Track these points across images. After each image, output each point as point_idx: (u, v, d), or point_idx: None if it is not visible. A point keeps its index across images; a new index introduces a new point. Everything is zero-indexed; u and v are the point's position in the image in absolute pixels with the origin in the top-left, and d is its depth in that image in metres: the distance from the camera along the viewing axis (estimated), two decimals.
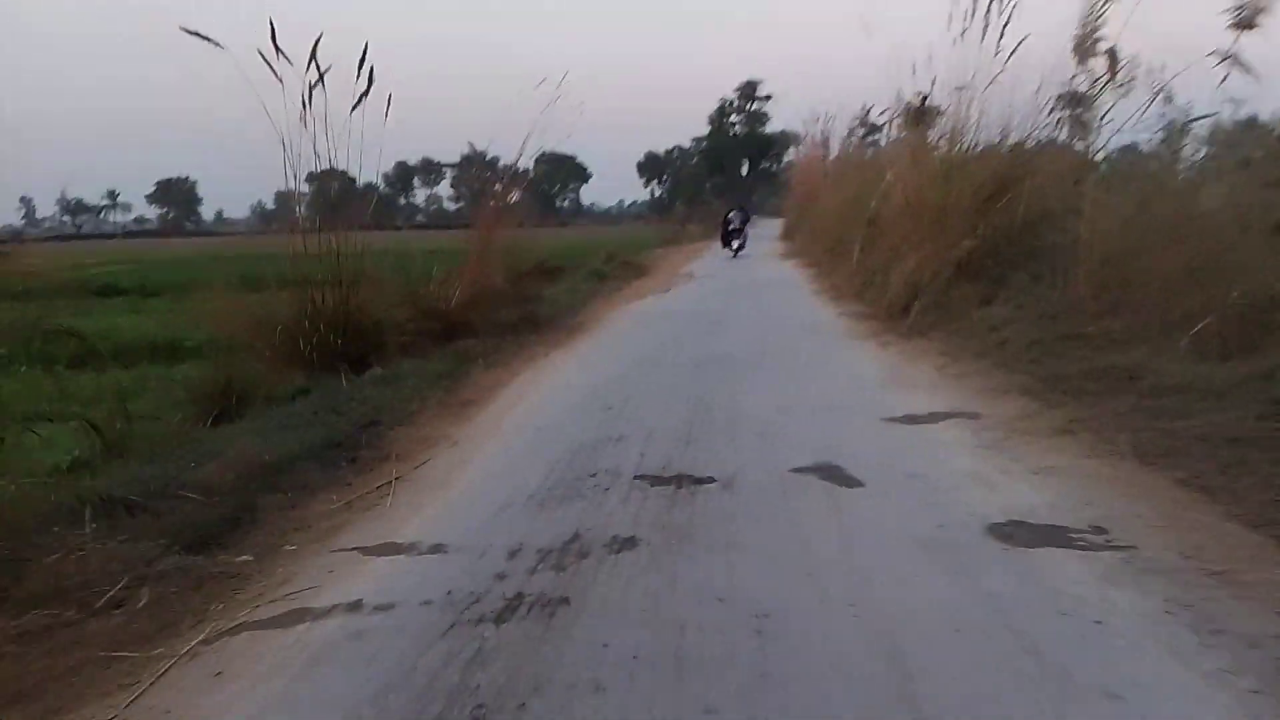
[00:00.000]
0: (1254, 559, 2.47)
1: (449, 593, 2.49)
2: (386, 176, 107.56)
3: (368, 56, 6.56)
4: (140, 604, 2.52)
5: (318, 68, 6.40)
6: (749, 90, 70.92)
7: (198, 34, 6.02)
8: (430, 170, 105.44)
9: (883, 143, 14.68)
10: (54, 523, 2.96)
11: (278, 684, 2.08)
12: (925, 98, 9.93)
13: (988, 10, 7.90)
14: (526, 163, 10.51)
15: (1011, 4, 7.80)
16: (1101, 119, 6.96)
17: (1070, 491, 3.14)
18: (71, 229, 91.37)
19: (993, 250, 7.07)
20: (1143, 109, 6.42)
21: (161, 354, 8.90)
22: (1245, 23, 5.98)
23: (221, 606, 2.54)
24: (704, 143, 71.35)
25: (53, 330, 5.24)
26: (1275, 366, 3.93)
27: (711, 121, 69.87)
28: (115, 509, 3.08)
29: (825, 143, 23.24)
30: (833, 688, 1.92)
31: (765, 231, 28.54)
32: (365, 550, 2.93)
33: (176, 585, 2.64)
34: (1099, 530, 2.77)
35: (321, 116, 6.63)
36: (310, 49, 6.40)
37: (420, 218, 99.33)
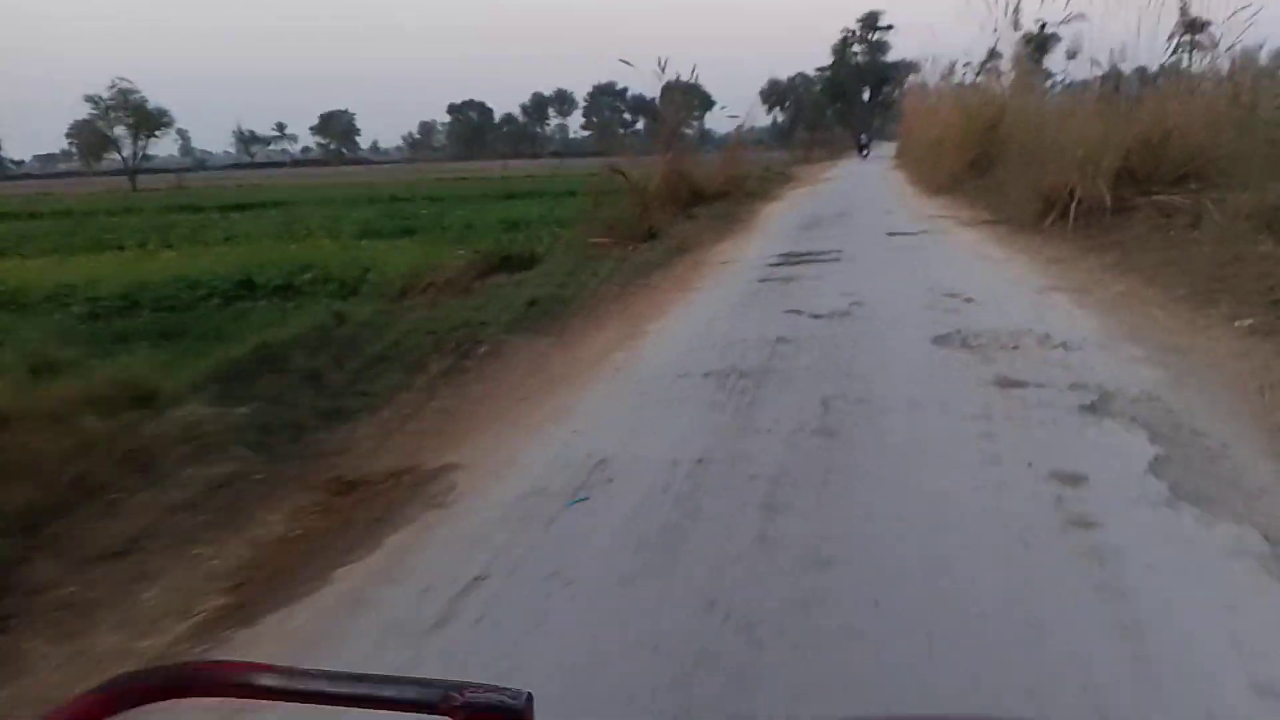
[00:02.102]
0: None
1: (759, 255, 10.87)
2: (524, 107, 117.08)
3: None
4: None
5: None
6: (871, 20, 75.83)
7: None
8: (564, 100, 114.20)
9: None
10: None
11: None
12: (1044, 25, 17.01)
13: None
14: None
15: None
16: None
17: (952, 208, 11.22)
18: (247, 158, 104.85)
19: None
20: None
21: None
22: None
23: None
24: (827, 72, 76.82)
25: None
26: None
27: (835, 52, 75.35)
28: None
29: (934, 78, 30.26)
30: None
31: (881, 153, 35.83)
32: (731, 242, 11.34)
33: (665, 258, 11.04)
34: (957, 218, 10.87)
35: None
36: None
37: (554, 147, 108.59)
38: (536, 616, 2.15)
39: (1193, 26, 30.58)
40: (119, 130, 49.90)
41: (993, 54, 25.12)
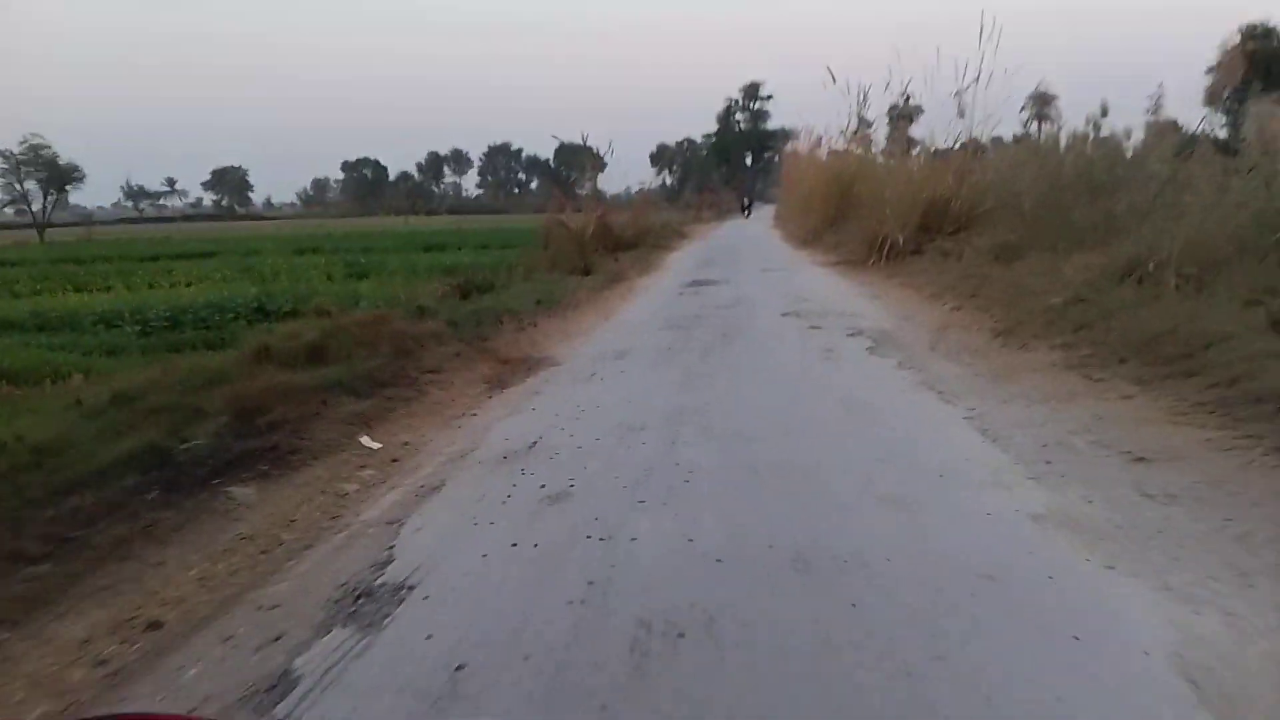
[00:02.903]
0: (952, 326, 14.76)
1: (674, 282, 14.80)
2: (420, 165, 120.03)
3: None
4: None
5: None
6: (753, 90, 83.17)
7: None
8: (459, 160, 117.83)
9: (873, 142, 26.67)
10: None
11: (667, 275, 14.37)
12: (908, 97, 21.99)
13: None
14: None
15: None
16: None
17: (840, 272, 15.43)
18: (134, 213, 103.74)
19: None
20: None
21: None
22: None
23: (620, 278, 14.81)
24: (713, 138, 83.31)
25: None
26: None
27: (719, 120, 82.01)
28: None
29: (809, 144, 35.59)
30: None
31: (762, 214, 41.01)
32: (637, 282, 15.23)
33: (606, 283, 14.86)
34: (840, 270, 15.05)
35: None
36: None
37: (449, 204, 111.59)
38: (625, 366, 5.80)
39: (1042, 100, 38.92)
40: (30, 185, 50.49)
41: (864, 123, 30.52)
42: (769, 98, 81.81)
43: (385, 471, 4.00)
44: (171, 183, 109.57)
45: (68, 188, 52.67)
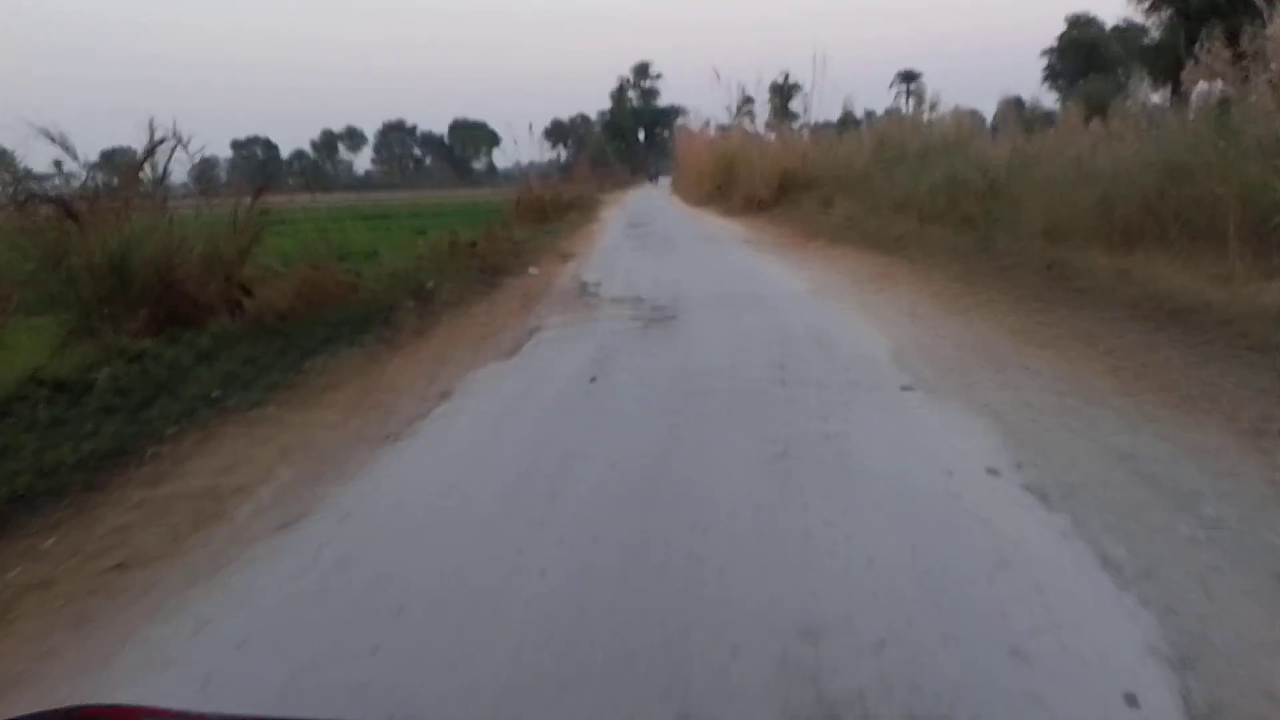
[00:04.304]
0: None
1: (619, 226, 21.17)
2: (314, 143, 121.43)
3: None
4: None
5: None
6: (643, 69, 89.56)
7: None
8: (354, 137, 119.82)
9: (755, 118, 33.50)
10: None
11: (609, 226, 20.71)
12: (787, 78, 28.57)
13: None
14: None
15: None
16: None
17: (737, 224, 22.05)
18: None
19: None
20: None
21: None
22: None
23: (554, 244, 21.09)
24: (608, 115, 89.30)
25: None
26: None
27: (613, 98, 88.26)
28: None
29: (700, 126, 42.40)
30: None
31: (660, 184, 47.70)
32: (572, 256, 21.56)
33: (573, 229, 21.11)
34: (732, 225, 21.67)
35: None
36: None
37: (345, 182, 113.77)
38: (617, 253, 12.16)
39: (908, 77, 50.20)
40: None
41: (746, 100, 37.66)
42: (658, 76, 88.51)
43: (546, 274, 10.22)
44: (59, 165, 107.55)
45: None
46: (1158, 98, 19.98)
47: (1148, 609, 2.15)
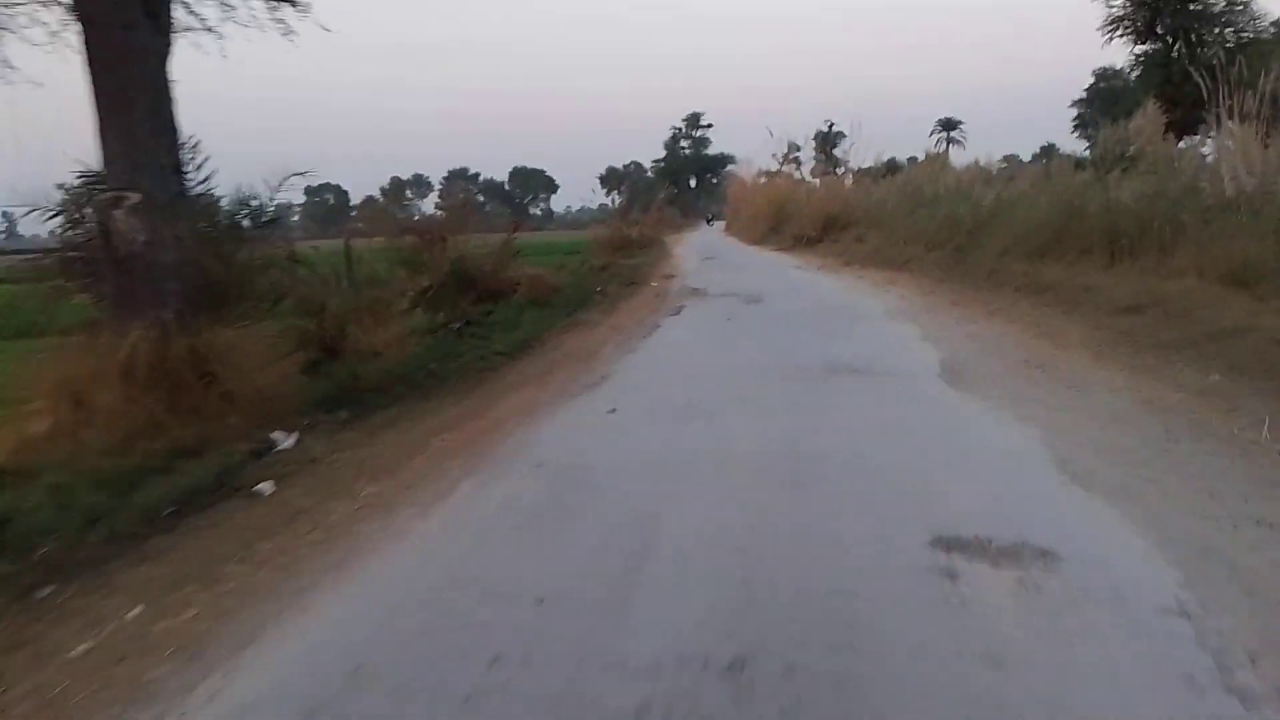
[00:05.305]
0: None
1: (694, 258, 26.27)
2: (383, 189, 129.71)
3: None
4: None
5: None
6: (694, 119, 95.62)
7: None
8: (420, 184, 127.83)
9: (801, 164, 38.80)
10: None
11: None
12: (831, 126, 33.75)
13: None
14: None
15: None
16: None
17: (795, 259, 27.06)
18: None
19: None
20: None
21: None
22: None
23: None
24: (662, 163, 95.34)
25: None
26: None
27: (666, 147, 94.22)
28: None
29: (750, 174, 47.72)
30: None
31: (716, 226, 53.02)
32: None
33: (657, 259, 26.24)
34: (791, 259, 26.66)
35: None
36: None
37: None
38: (702, 272, 17.19)
39: (948, 125, 56.64)
40: None
41: (793, 148, 42.89)
42: (709, 126, 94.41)
43: (662, 285, 15.23)
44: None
45: None
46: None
47: (937, 347, 7.05)
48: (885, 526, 3.30)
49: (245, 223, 6.10)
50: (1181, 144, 19.90)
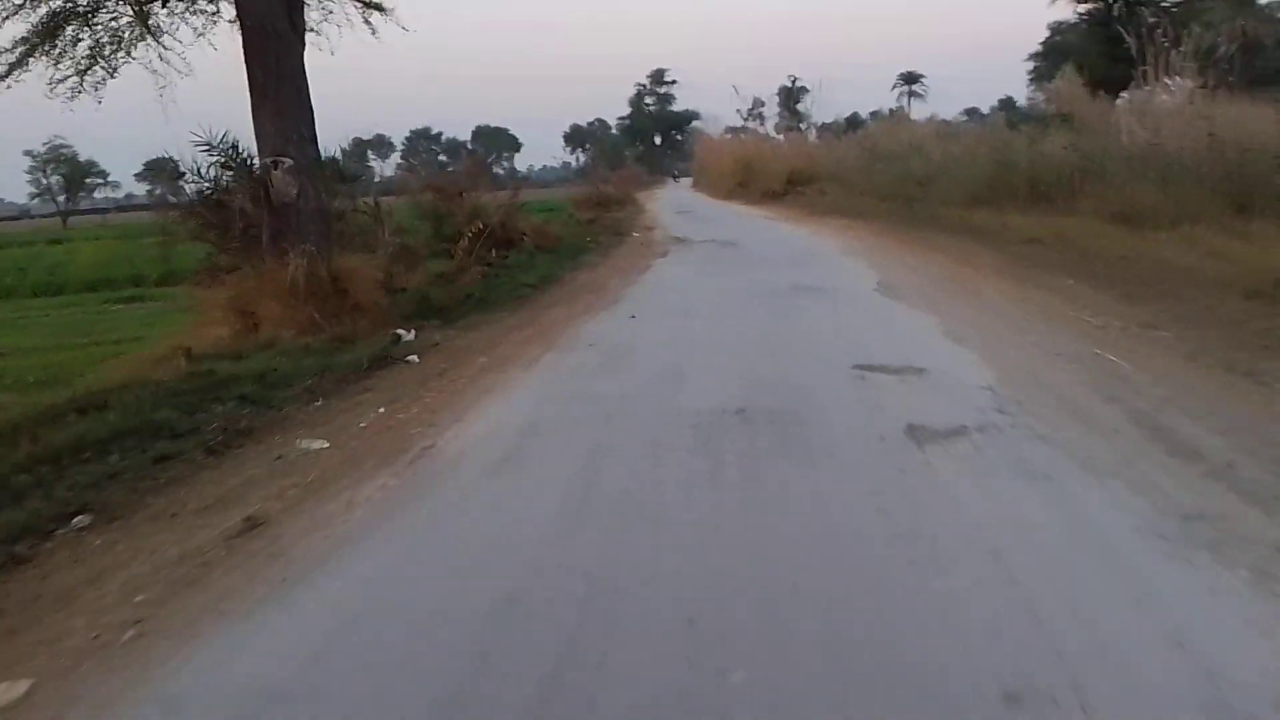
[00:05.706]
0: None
1: (668, 212, 28.10)
2: (344, 150, 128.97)
3: None
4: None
5: None
6: (658, 76, 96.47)
7: None
8: (382, 144, 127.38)
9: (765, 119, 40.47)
10: None
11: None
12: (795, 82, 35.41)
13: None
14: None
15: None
16: None
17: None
18: (68, 205, 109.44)
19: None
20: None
21: None
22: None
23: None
24: (627, 120, 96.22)
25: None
26: None
27: (631, 104, 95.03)
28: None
29: (717, 131, 49.33)
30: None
31: (682, 182, 54.65)
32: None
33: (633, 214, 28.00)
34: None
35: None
36: None
37: (379, 186, 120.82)
38: (676, 224, 19.07)
39: (910, 79, 59.40)
40: (55, 179, 59.61)
41: (757, 104, 44.70)
42: (674, 82, 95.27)
43: (646, 235, 17.08)
44: (103, 174, 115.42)
45: (87, 181, 61.91)
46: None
47: (878, 273, 9.06)
48: (828, 362, 5.33)
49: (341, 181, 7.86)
50: (1120, 100, 22.01)
